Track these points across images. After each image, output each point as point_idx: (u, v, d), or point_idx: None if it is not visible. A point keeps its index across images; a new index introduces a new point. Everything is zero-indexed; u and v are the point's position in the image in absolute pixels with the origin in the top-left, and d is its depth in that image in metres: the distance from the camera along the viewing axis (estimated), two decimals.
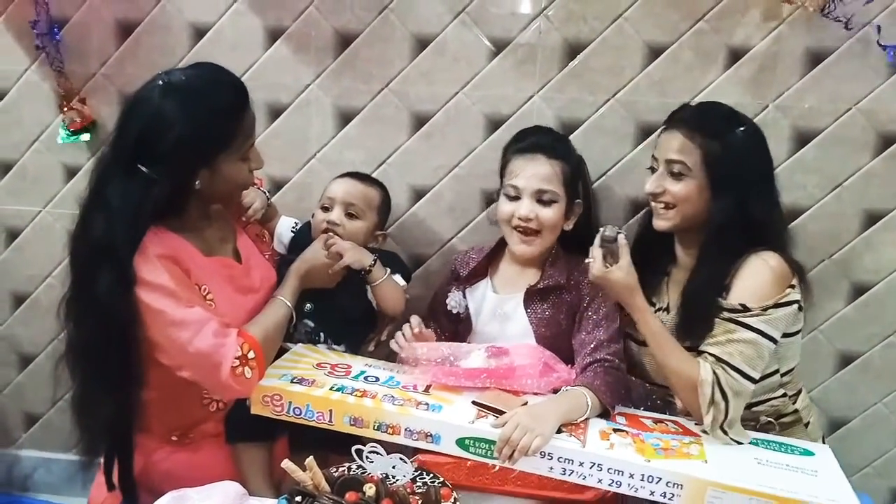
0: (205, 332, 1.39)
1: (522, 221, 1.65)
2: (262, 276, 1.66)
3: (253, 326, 1.50)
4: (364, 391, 1.47)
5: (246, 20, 1.97)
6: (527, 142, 1.71)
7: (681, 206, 1.59)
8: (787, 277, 1.54)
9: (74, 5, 2.00)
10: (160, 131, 1.39)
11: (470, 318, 1.78)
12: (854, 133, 1.88)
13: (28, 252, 2.21)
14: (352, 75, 1.98)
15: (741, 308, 1.50)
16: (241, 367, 1.41)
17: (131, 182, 1.40)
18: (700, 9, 1.85)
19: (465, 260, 1.82)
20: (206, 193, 1.50)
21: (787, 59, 1.85)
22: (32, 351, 2.29)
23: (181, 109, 1.40)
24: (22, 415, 2.37)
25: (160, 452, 1.58)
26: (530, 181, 1.65)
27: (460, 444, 1.39)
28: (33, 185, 2.16)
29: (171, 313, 1.39)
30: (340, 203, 1.73)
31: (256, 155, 1.55)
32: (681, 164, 1.57)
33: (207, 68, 1.52)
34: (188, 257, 1.49)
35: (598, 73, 1.91)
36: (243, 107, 1.49)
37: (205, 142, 1.43)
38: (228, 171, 1.48)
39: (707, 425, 1.47)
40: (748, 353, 1.48)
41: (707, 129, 1.58)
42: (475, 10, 1.91)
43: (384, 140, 2.03)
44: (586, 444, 1.38)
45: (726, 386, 1.46)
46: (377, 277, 1.69)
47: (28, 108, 2.10)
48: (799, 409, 1.68)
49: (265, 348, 1.47)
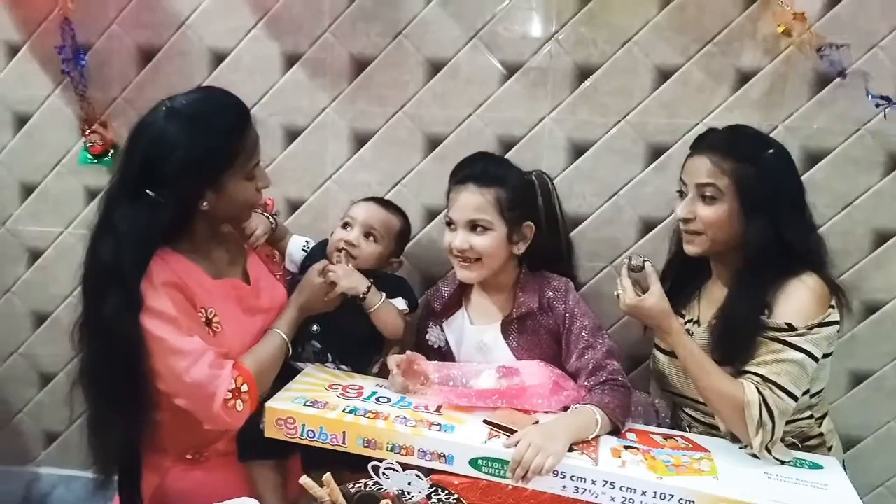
0: (201, 363, 1.43)
1: (458, 252, 1.66)
2: (272, 297, 1.68)
3: (249, 358, 1.52)
4: (376, 413, 1.48)
5: (263, 46, 2.02)
6: (461, 173, 1.70)
7: (711, 231, 1.58)
8: (826, 297, 1.54)
9: (97, 32, 2.06)
10: (164, 155, 1.42)
11: (451, 352, 1.77)
12: (863, 153, 1.90)
13: (49, 272, 2.25)
14: (367, 99, 2.02)
15: (787, 327, 1.50)
16: (233, 399, 1.44)
17: (138, 206, 1.43)
18: (708, 32, 1.88)
19: (438, 293, 1.81)
20: (215, 214, 1.52)
21: (796, 81, 1.88)
22: (52, 370, 2.33)
23: (184, 132, 1.43)
24: (41, 433, 2.40)
25: (175, 472, 1.61)
26: (462, 212, 1.65)
27: (473, 465, 1.40)
28: (55, 207, 2.21)
29: (171, 341, 1.42)
30: (361, 224, 1.75)
31: (263, 174, 1.58)
32: (712, 188, 1.56)
33: (208, 92, 1.57)
34: (195, 282, 1.52)
35: (609, 96, 1.95)
36: (245, 126, 1.51)
37: (208, 162, 1.45)
38: (234, 190, 1.50)
39: (756, 448, 1.45)
40: (795, 372, 1.48)
41: (738, 152, 1.56)
42: (487, 35, 1.95)
43: (398, 161, 2.06)
44: (598, 462, 1.39)
45: (773, 406, 1.45)
46: (372, 304, 1.69)
47: (51, 132, 2.15)
48: (824, 433, 1.67)
49: (259, 382, 1.50)
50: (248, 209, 1.61)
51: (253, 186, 1.55)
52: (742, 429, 1.47)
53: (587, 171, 2.00)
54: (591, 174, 2.00)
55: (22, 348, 2.33)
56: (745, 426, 1.46)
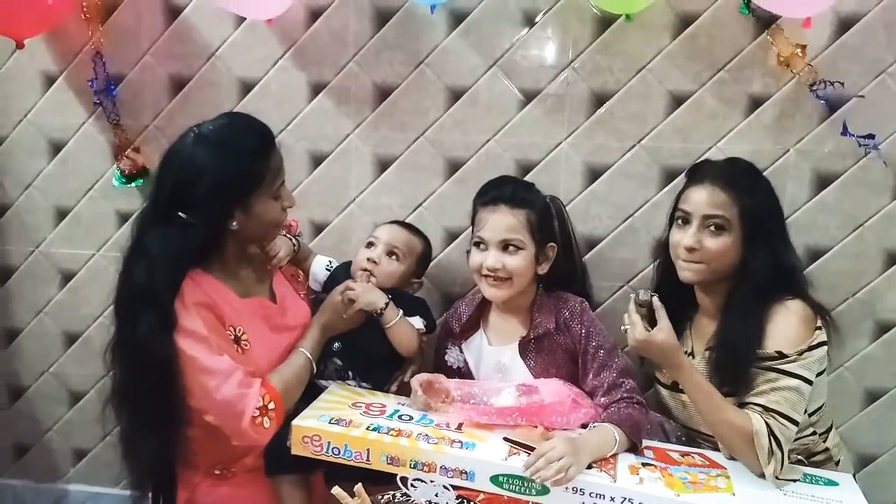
0: (231, 382, 1.48)
1: (490, 271, 1.69)
2: (297, 315, 1.74)
3: (275, 377, 1.57)
4: (399, 430, 1.52)
5: (290, 75, 2.10)
6: (490, 194, 1.74)
7: (714, 262, 1.61)
8: (812, 320, 1.58)
9: (129, 64, 2.15)
10: (194, 178, 1.50)
11: (470, 373, 1.80)
12: (874, 175, 1.94)
13: (81, 293, 2.32)
14: (389, 125, 2.09)
15: (778, 355, 1.53)
16: (261, 417, 1.50)
17: (170, 229, 1.50)
18: (720, 60, 1.94)
19: (456, 315, 1.85)
20: (243, 234, 1.59)
21: (806, 106, 1.93)
22: (82, 388, 2.39)
23: (212, 156, 1.51)
24: (71, 450, 2.46)
25: (203, 486, 1.65)
26: (495, 232, 1.69)
27: (494, 482, 1.43)
28: (88, 231, 2.28)
29: (203, 360, 1.48)
30: (384, 243, 1.82)
31: (288, 194, 1.64)
32: (721, 219, 1.59)
33: (233, 117, 1.65)
34: (224, 301, 1.58)
35: (624, 121, 2.01)
36: (269, 148, 1.58)
37: (236, 183, 1.52)
38: (261, 210, 1.57)
39: (769, 476, 1.47)
40: (793, 398, 1.51)
41: (740, 183, 1.62)
42: (506, 63, 2.02)
43: (420, 185, 2.12)
44: (616, 478, 1.42)
45: (779, 434, 1.48)
46: (389, 319, 1.73)
47: (84, 159, 2.23)
48: (830, 448, 1.71)
49: (285, 400, 1.56)
50: (275, 228, 1.66)
51: (279, 206, 1.61)
52: (753, 459, 1.49)
53: (603, 194, 2.05)
54: (606, 197, 2.05)
55: (53, 367, 2.39)
56: (755, 455, 1.48)
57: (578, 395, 1.67)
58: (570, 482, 1.39)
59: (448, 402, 1.64)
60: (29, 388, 2.42)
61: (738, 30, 1.92)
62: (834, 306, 1.98)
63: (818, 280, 1.93)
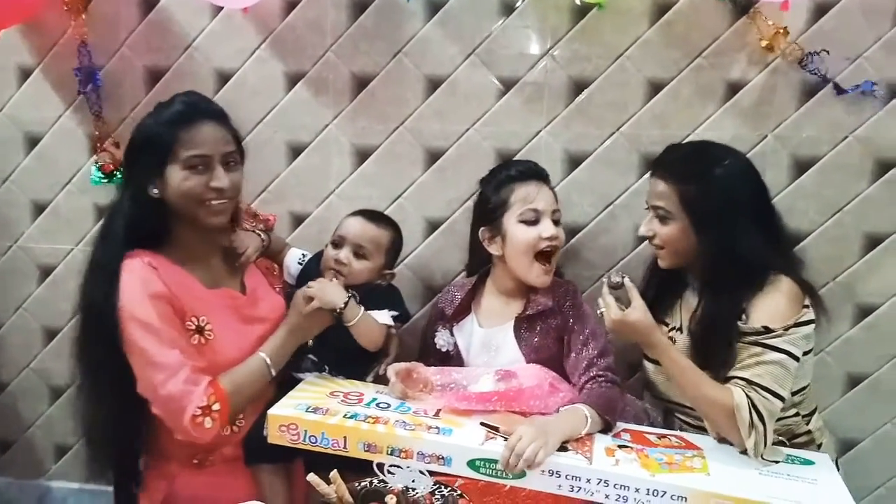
0: (177, 377, 1.49)
1: (549, 240, 1.70)
2: (270, 307, 1.73)
3: (226, 378, 1.56)
4: (377, 417, 1.52)
5: (268, 66, 2.09)
6: (520, 170, 1.78)
7: (670, 246, 1.66)
8: (800, 298, 1.59)
9: (107, 55, 2.13)
10: (128, 143, 1.63)
11: (460, 355, 1.81)
12: (852, 160, 1.95)
13: (60, 288, 2.30)
14: (368, 115, 2.09)
15: (764, 330, 1.54)
16: (202, 416, 1.50)
17: (116, 197, 1.65)
18: (698, 46, 1.94)
19: (449, 298, 1.86)
20: (172, 208, 1.58)
21: (784, 91, 1.94)
22: (62, 384, 2.37)
23: (143, 122, 1.61)
24: (53, 446, 2.44)
25: (182, 477, 1.65)
26: (548, 203, 1.73)
27: (471, 466, 1.43)
28: (66, 225, 2.27)
29: (151, 353, 1.49)
30: (350, 243, 1.79)
31: (219, 174, 1.57)
32: (662, 210, 1.65)
33: (189, 93, 1.67)
34: (186, 290, 1.58)
35: (603, 109, 2.01)
36: (190, 118, 1.57)
37: (148, 147, 1.57)
38: (173, 179, 1.55)
39: (750, 449, 1.48)
40: (777, 373, 1.52)
41: (683, 172, 1.63)
42: (485, 52, 2.02)
43: (399, 176, 2.12)
44: (593, 460, 1.43)
45: (761, 407, 1.49)
46: (349, 318, 1.69)
47: (62, 153, 2.22)
48: (812, 430, 1.71)
49: (232, 402, 1.54)
50: (195, 204, 1.57)
51: (197, 180, 1.55)
52: (735, 433, 1.50)
53: (583, 181, 2.05)
54: (587, 185, 2.05)
55: (33, 363, 2.38)
56: (737, 430, 1.49)
57: (556, 379, 1.69)
58: (541, 465, 1.39)
59: (427, 390, 1.64)
60: (9, 384, 2.40)
61: (716, 16, 1.92)
62: None
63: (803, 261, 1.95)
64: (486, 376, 1.63)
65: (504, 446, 1.41)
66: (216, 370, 1.57)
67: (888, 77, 1.90)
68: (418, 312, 2.16)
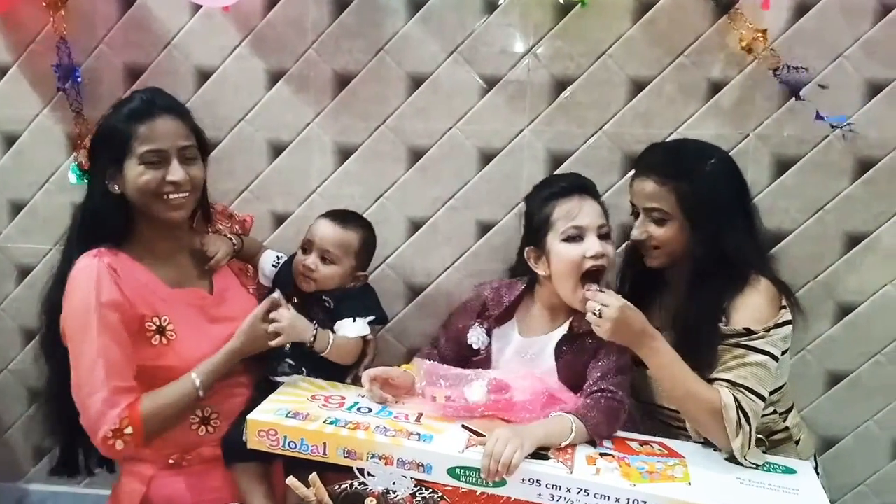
0: (96, 398, 1.49)
1: (595, 259, 1.60)
2: (240, 307, 1.70)
3: (149, 400, 1.53)
4: (357, 423, 1.49)
5: (248, 63, 2.07)
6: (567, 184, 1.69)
7: (667, 248, 1.65)
8: (777, 298, 1.60)
9: (85, 52, 2.10)
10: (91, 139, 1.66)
11: (489, 357, 1.75)
12: (832, 158, 1.96)
13: (38, 289, 2.20)
14: (350, 113, 2.07)
15: (746, 332, 1.54)
16: (113, 439, 1.49)
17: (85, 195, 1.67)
18: (680, 45, 1.94)
19: (496, 298, 1.77)
20: (133, 203, 1.58)
21: (765, 90, 1.94)
22: (41, 386, 2.31)
23: (104, 118, 1.62)
24: (31, 449, 2.41)
25: (159, 479, 1.63)
26: (593, 219, 1.62)
27: (451, 474, 1.41)
28: (44, 224, 2.23)
29: (81, 364, 1.50)
30: (317, 248, 1.75)
31: (174, 167, 1.57)
32: (659, 211, 1.63)
33: (146, 88, 1.70)
34: (148, 291, 1.58)
35: (585, 107, 2.00)
36: (146, 113, 1.57)
37: (107, 142, 1.58)
38: (130, 173, 1.56)
39: (736, 451, 1.47)
40: (760, 374, 1.52)
41: (676, 170, 1.63)
42: (467, 50, 2.01)
43: (382, 174, 2.10)
44: (573, 470, 1.41)
45: (747, 409, 1.48)
46: (321, 349, 1.68)
47: (40, 151, 2.18)
48: (789, 427, 1.72)
49: (148, 426, 1.51)
50: (152, 199, 1.57)
51: (152, 174, 1.55)
52: (720, 433, 1.49)
53: None
54: None
55: (11, 365, 2.34)
56: (723, 430, 1.48)
57: (560, 389, 1.64)
58: (518, 467, 1.37)
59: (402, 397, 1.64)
60: None
61: (698, 14, 1.92)
62: (795, 289, 1.97)
63: (779, 263, 1.94)
64: (478, 383, 1.59)
65: (482, 454, 1.39)
66: (182, 371, 1.57)
67: (868, 76, 1.91)
68: (401, 311, 2.16)
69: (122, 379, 1.51)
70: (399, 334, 2.15)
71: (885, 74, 1.91)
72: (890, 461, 2.13)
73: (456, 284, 2.11)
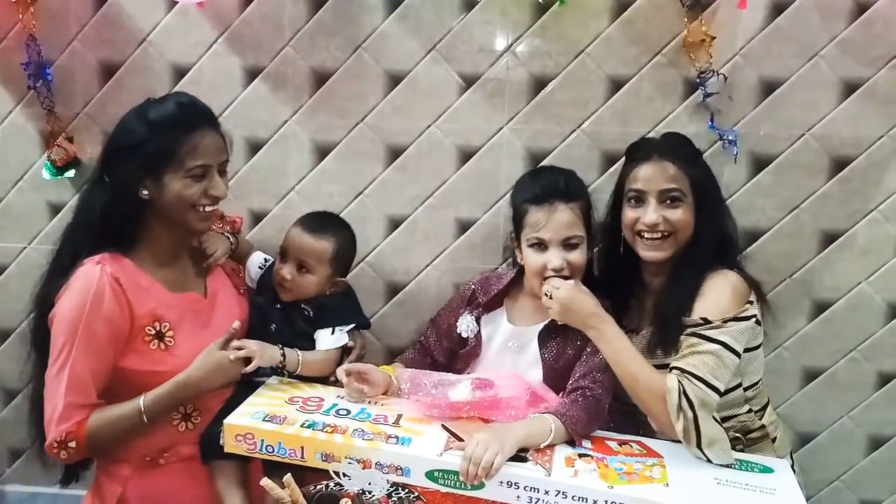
0: (52, 405, 1.50)
1: (556, 272, 1.64)
2: (229, 312, 1.70)
3: (96, 417, 1.52)
4: (335, 426, 1.49)
5: (225, 60, 2.05)
6: (540, 190, 1.69)
7: (679, 232, 1.66)
8: (745, 293, 1.61)
9: (59, 49, 2.07)
10: (115, 138, 1.58)
11: (479, 345, 1.77)
12: (808, 157, 1.97)
13: (12, 288, 2.24)
14: (328, 111, 2.06)
15: (702, 322, 1.57)
16: (58, 448, 1.51)
17: (90, 188, 1.61)
18: (657, 43, 1.95)
19: (485, 286, 1.81)
20: (159, 211, 1.57)
21: (742, 89, 1.95)
22: (17, 386, 2.31)
23: (134, 120, 1.56)
24: (6, 450, 2.38)
25: (136, 479, 1.62)
26: (557, 232, 1.64)
27: (430, 477, 1.41)
28: (18, 223, 2.20)
29: (51, 368, 1.51)
30: (292, 258, 1.74)
31: (216, 182, 1.59)
32: (677, 192, 1.65)
33: (180, 94, 1.64)
34: (150, 297, 1.57)
35: (564, 106, 2.00)
36: (192, 126, 1.55)
37: (145, 149, 1.52)
38: (172, 185, 1.54)
39: (679, 434, 1.50)
40: (710, 363, 1.53)
41: (686, 156, 1.70)
42: (445, 48, 2.00)
43: (360, 172, 2.09)
44: (552, 472, 1.41)
45: (692, 395, 1.49)
46: (293, 369, 1.68)
47: (13, 149, 2.15)
48: (766, 425, 1.73)
49: (91, 442, 1.52)
50: (190, 210, 1.58)
51: (197, 188, 1.56)
52: (665, 417, 1.52)
53: None
54: None
55: None
56: (667, 414, 1.51)
57: (542, 388, 1.66)
58: (498, 470, 1.37)
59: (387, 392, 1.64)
60: None
61: (674, 13, 1.92)
62: (772, 287, 2.02)
63: (756, 261, 1.98)
64: (462, 384, 1.60)
65: (462, 457, 1.39)
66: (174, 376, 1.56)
67: (843, 75, 1.92)
68: (381, 309, 2.15)
69: (81, 395, 1.51)
70: (378, 332, 2.14)
71: (859, 74, 1.92)
72: (865, 457, 2.15)
73: (435, 282, 2.11)
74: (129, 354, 1.55)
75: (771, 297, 1.99)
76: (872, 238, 2.00)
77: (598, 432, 1.62)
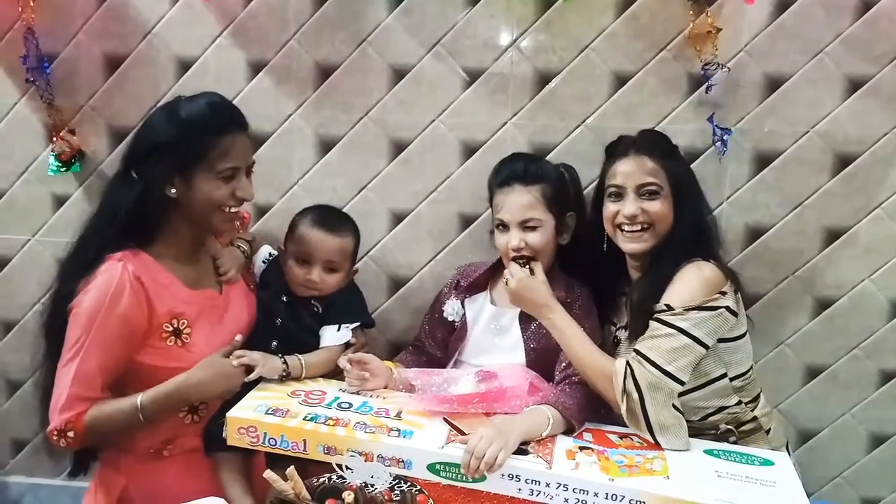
0: (58, 394, 1.51)
1: (515, 251, 1.72)
2: (239, 307, 1.72)
3: (96, 409, 1.52)
4: (337, 419, 1.50)
5: (229, 54, 2.05)
6: (502, 174, 1.79)
7: (658, 224, 1.68)
8: (718, 284, 1.60)
9: (63, 41, 2.07)
10: (144, 135, 1.59)
11: (465, 327, 1.82)
12: (813, 154, 1.97)
13: (17, 280, 2.25)
14: (332, 105, 2.06)
15: (665, 308, 1.58)
16: (57, 437, 1.52)
17: (117, 184, 1.61)
18: (662, 39, 1.94)
19: (467, 272, 1.89)
20: (186, 209, 1.57)
21: (747, 85, 1.94)
22: (20, 377, 2.32)
23: (165, 118, 1.57)
24: (9, 441, 2.39)
25: (141, 470, 1.62)
26: (514, 213, 1.72)
27: (431, 469, 1.42)
28: (23, 215, 2.21)
29: (63, 357, 1.51)
30: (320, 261, 1.75)
31: (244, 184, 1.61)
32: (654, 185, 1.67)
33: (212, 94, 1.63)
34: (169, 294, 1.58)
35: (568, 101, 2.00)
36: (223, 127, 1.56)
37: (176, 148, 1.53)
38: (202, 185, 1.55)
39: (623, 415, 1.54)
40: (665, 347, 1.54)
41: (663, 151, 1.73)
42: (450, 43, 2.00)
43: (364, 167, 2.09)
44: (553, 464, 1.42)
45: (640, 377, 1.52)
46: (298, 375, 1.69)
47: (17, 141, 2.16)
48: (758, 417, 1.72)
49: (88, 434, 1.52)
50: (216, 210, 1.60)
51: (226, 189, 1.58)
52: (613, 398, 1.56)
53: None
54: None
55: None
56: (614, 394, 1.55)
57: (536, 378, 1.68)
58: (501, 466, 1.39)
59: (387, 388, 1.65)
60: None
61: (679, 8, 1.92)
62: (775, 284, 2.03)
63: (759, 258, 1.98)
64: (466, 378, 1.62)
65: (464, 450, 1.40)
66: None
67: (848, 72, 1.92)
68: (384, 304, 2.16)
69: (86, 388, 1.51)
70: (381, 327, 2.13)
71: (864, 71, 1.92)
72: (866, 454, 2.15)
73: (438, 277, 2.11)
74: (146, 350, 1.56)
75: (773, 294, 2.03)
76: (876, 235, 2.00)
77: (599, 425, 1.63)
